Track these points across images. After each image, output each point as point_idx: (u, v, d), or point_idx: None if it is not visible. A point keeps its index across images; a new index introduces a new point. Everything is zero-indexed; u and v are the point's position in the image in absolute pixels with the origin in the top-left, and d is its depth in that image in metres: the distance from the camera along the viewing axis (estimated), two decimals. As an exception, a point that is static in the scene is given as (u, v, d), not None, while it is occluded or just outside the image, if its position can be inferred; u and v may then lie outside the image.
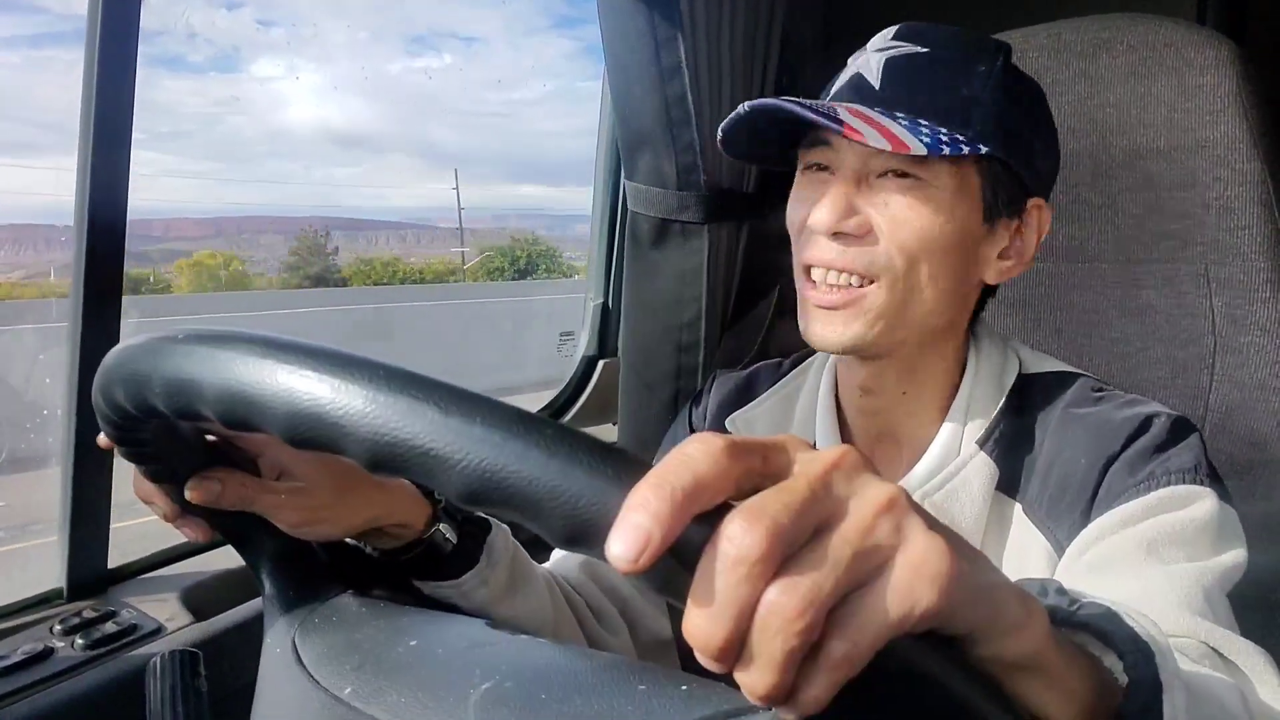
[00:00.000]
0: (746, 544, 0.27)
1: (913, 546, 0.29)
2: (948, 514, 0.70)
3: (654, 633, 0.83)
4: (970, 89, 0.68)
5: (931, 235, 0.66)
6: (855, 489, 0.29)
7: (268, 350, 0.36)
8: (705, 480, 0.28)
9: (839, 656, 0.28)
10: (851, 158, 0.68)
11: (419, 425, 0.32)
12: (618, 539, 0.27)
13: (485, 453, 0.31)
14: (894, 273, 0.67)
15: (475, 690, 0.39)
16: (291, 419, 0.35)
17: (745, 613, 0.27)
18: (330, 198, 71.33)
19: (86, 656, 0.79)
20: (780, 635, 0.27)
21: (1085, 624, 0.41)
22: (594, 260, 1.58)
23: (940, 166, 0.66)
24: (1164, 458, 0.65)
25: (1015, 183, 0.70)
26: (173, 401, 0.40)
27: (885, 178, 0.67)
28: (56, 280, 5.51)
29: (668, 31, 1.13)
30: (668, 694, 0.37)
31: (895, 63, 0.69)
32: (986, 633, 0.32)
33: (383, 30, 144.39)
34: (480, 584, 0.67)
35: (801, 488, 0.28)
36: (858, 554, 0.28)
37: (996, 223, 0.70)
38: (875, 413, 0.76)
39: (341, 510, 0.59)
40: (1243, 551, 0.63)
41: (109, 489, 0.90)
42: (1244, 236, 0.92)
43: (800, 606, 0.27)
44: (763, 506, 0.27)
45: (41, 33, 41.44)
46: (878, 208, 0.67)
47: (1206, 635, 0.55)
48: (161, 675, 0.56)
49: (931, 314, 0.69)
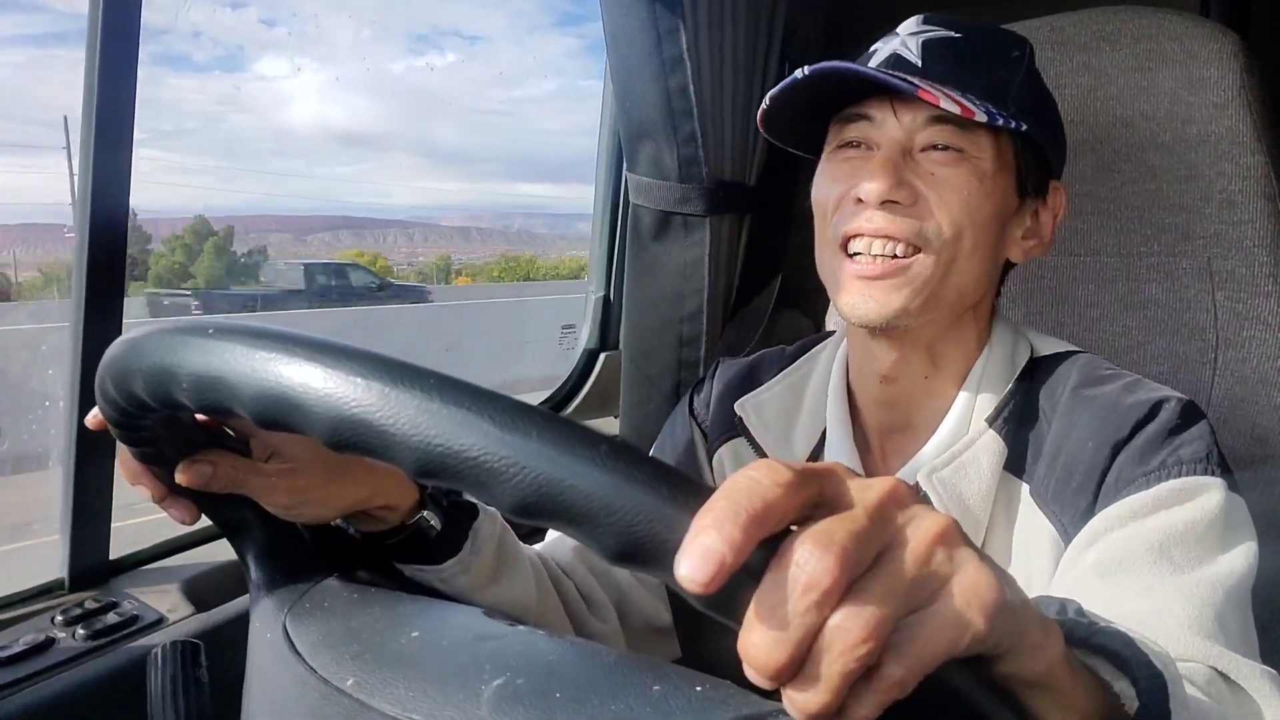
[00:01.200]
0: (817, 570, 0.28)
1: (965, 575, 0.30)
2: (956, 490, 0.70)
3: (647, 619, 0.83)
4: (1007, 71, 0.71)
5: (976, 206, 0.68)
6: (910, 518, 0.31)
7: (311, 352, 0.36)
8: (772, 506, 0.28)
9: (894, 680, 0.29)
10: (896, 130, 0.68)
11: (473, 437, 0.32)
12: (687, 560, 0.27)
13: (542, 467, 0.31)
14: (941, 241, 0.68)
15: (487, 686, 0.39)
16: (337, 424, 0.35)
17: (809, 637, 0.28)
18: (331, 195, 71.36)
19: (88, 647, 0.79)
20: (842, 659, 0.28)
21: (1102, 646, 0.42)
22: (595, 253, 1.58)
23: (983, 140, 0.68)
24: (1174, 445, 0.65)
25: (1042, 163, 0.72)
26: (202, 398, 0.39)
27: (928, 151, 0.68)
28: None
29: (670, 23, 1.13)
30: (683, 694, 0.37)
31: (934, 43, 0.70)
32: (1011, 652, 0.33)
33: (386, 29, 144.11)
34: (462, 571, 0.66)
35: (862, 516, 0.29)
36: (916, 581, 0.29)
37: (1025, 201, 0.72)
38: (894, 403, 0.76)
39: (331, 491, 0.58)
40: (1254, 545, 0.63)
41: (111, 481, 0.90)
42: (1247, 230, 0.91)
43: (865, 633, 0.28)
44: (830, 534, 0.28)
45: (52, 31, 41.39)
46: (924, 179, 0.68)
47: (1215, 660, 0.55)
48: (163, 666, 0.56)
49: (967, 288, 0.71)
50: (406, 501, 0.64)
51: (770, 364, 0.87)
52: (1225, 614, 0.58)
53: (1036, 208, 0.74)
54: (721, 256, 1.26)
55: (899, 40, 0.71)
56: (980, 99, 0.67)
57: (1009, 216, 0.72)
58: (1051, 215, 0.75)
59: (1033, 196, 0.73)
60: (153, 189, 27.83)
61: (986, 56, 0.71)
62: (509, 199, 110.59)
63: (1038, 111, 0.71)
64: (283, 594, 0.54)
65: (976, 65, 0.70)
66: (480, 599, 0.68)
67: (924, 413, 0.75)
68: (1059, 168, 0.76)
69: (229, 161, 70.67)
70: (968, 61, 0.70)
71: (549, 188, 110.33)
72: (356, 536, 0.65)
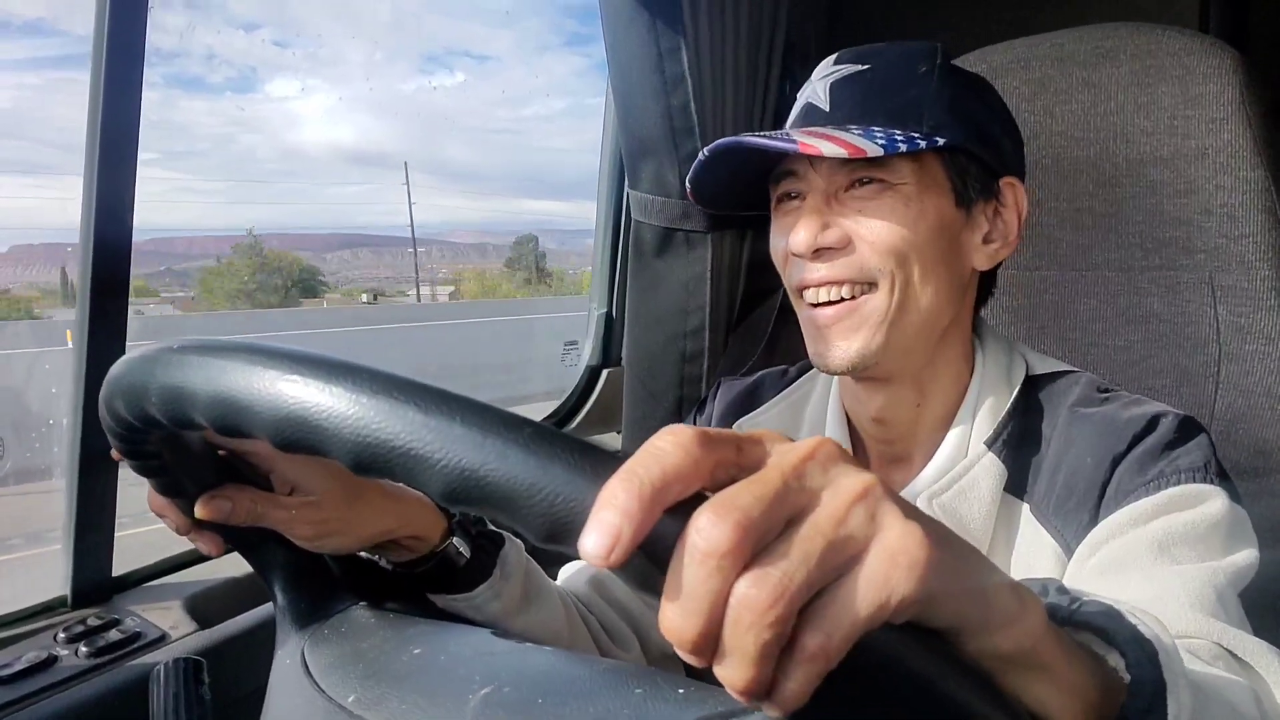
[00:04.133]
0: (715, 536, 0.26)
1: (888, 535, 0.28)
2: (956, 515, 0.70)
3: (661, 645, 0.83)
4: (917, 88, 0.70)
5: (910, 229, 0.68)
6: (829, 479, 0.29)
7: (255, 357, 0.37)
8: (676, 473, 0.28)
9: (814, 649, 0.27)
10: (818, 179, 0.70)
11: (399, 425, 0.32)
12: (589, 535, 0.27)
13: (464, 452, 0.31)
14: (886, 273, 0.68)
15: (474, 696, 0.39)
16: (278, 423, 0.35)
17: (717, 606, 0.27)
18: (343, 214, 71.89)
19: (90, 664, 0.79)
20: (753, 628, 0.26)
21: (1086, 622, 0.41)
22: (598, 269, 1.59)
23: (902, 165, 0.68)
24: (1173, 456, 0.65)
25: (981, 167, 0.72)
26: (168, 410, 0.40)
27: (852, 190, 0.69)
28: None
29: (671, 41, 1.14)
30: (664, 697, 0.37)
31: (840, 83, 0.72)
32: (977, 626, 0.32)
33: (398, 50, 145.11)
34: (494, 597, 0.67)
35: (774, 479, 0.28)
36: (831, 544, 0.28)
37: (972, 207, 0.72)
38: (890, 439, 0.76)
39: (354, 523, 0.59)
40: (1254, 551, 0.63)
41: (114, 497, 0.90)
42: (1247, 244, 0.92)
43: (771, 598, 0.26)
44: (733, 498, 0.27)
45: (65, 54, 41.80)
46: (851, 218, 0.69)
47: (1219, 636, 0.54)
48: (165, 683, 0.56)
49: (931, 311, 0.70)
50: (434, 532, 0.64)
51: (770, 385, 0.88)
52: (1226, 597, 0.58)
53: (992, 209, 0.73)
54: (724, 272, 1.26)
55: (813, 87, 0.73)
56: (887, 126, 0.67)
57: (957, 228, 0.71)
58: (1015, 213, 0.74)
59: (981, 200, 0.72)
60: (177, 208, 28.13)
61: (894, 81, 0.71)
62: (517, 216, 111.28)
63: (964, 118, 0.70)
64: (307, 622, 0.55)
65: (884, 93, 0.70)
66: (514, 625, 0.69)
67: (921, 439, 0.75)
68: (1010, 163, 0.74)
69: (240, 179, 71.22)
70: (874, 92, 0.70)
71: (557, 204, 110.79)
72: (387, 568, 0.65)
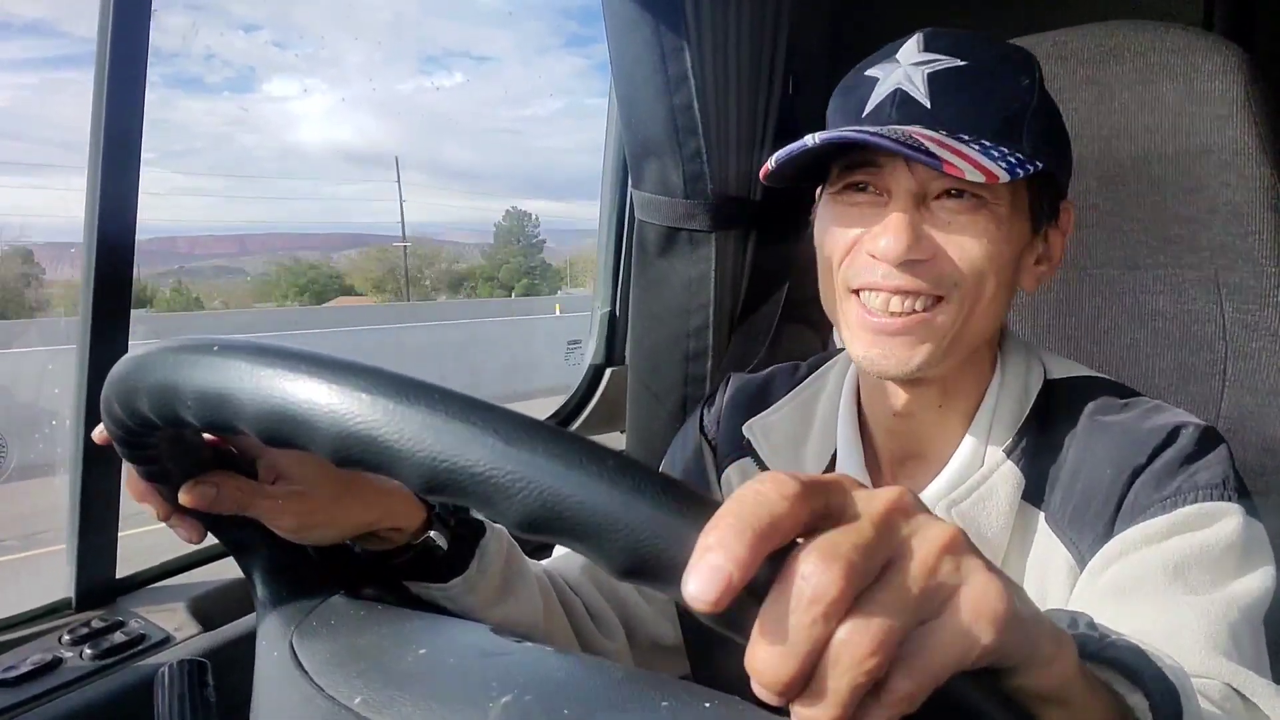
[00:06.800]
0: (823, 583, 0.27)
1: (974, 586, 0.30)
2: (974, 523, 0.69)
3: (654, 638, 0.83)
4: (1020, 102, 0.66)
5: (997, 251, 0.65)
6: (915, 528, 0.30)
7: (315, 368, 0.36)
8: (779, 521, 0.28)
9: (903, 694, 0.28)
10: (908, 180, 0.65)
11: (479, 453, 0.32)
12: (695, 579, 0.27)
13: (548, 482, 0.30)
14: (964, 290, 0.65)
15: (495, 704, 0.39)
16: (341, 441, 0.34)
17: (817, 650, 0.28)
18: (344, 213, 71.83)
19: (95, 666, 0.79)
20: (850, 673, 0.27)
21: (1114, 661, 0.42)
22: (601, 268, 1.58)
23: (1000, 186, 0.63)
24: (1191, 471, 0.64)
25: (1055, 190, 0.71)
26: (206, 414, 0.39)
27: (943, 199, 0.65)
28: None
29: (674, 41, 1.14)
30: (692, 711, 0.36)
31: (940, 77, 0.65)
32: (1023, 665, 0.33)
33: (398, 51, 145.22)
34: (468, 590, 0.66)
35: (868, 527, 0.29)
36: (924, 592, 0.29)
37: (1040, 230, 0.71)
38: (907, 434, 0.75)
39: (338, 514, 0.58)
40: (1272, 570, 0.62)
41: (118, 499, 0.90)
42: (1253, 241, 0.91)
43: (872, 646, 0.27)
44: (835, 546, 0.28)
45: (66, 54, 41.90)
46: (941, 228, 0.65)
47: (1230, 676, 0.54)
48: (170, 685, 0.56)
49: (988, 329, 0.70)
50: (414, 522, 0.64)
51: (781, 382, 0.86)
52: (1240, 633, 0.58)
53: (1048, 231, 0.72)
54: (727, 271, 1.26)
55: (901, 71, 0.66)
56: (995, 141, 0.64)
57: (1026, 250, 0.70)
58: (1061, 235, 0.73)
59: (1048, 224, 0.71)
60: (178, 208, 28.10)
61: (997, 88, 0.66)
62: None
63: (1051, 140, 0.68)
64: (289, 612, 0.54)
65: (989, 100, 0.65)
66: (486, 616, 0.68)
67: (936, 440, 0.74)
68: (1066, 185, 0.73)
69: (240, 177, 71.29)
70: (979, 97, 0.65)
71: (554, 204, 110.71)
72: (361, 555, 0.64)
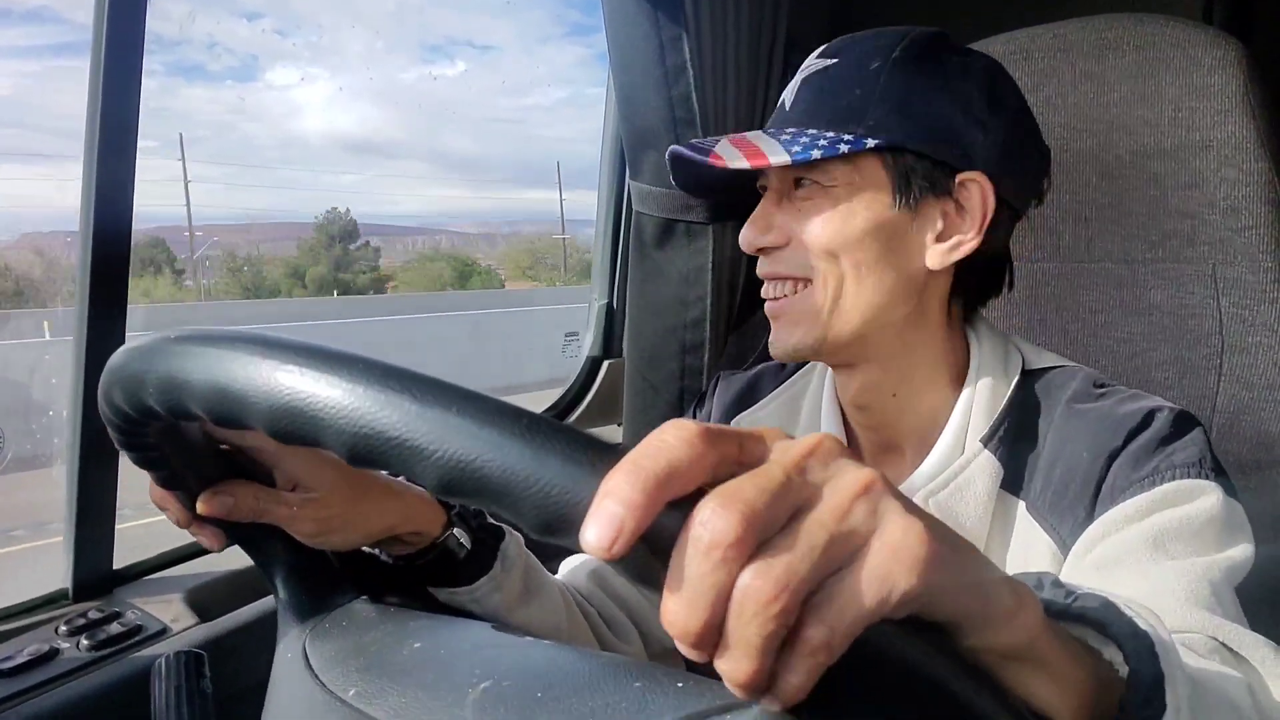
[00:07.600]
0: (720, 528, 0.26)
1: (889, 530, 0.28)
2: (952, 513, 0.69)
3: (663, 640, 0.83)
4: (863, 87, 0.70)
5: (839, 229, 0.69)
6: (831, 474, 0.29)
7: (253, 347, 0.37)
8: (680, 466, 0.28)
9: (816, 642, 0.27)
10: (774, 178, 0.74)
11: (395, 416, 0.32)
12: (591, 526, 0.27)
13: (460, 442, 0.31)
14: (820, 270, 0.70)
15: (474, 690, 0.39)
16: (273, 413, 0.35)
17: (720, 598, 0.27)
18: (343, 203, 71.59)
19: (92, 657, 0.79)
20: (755, 620, 0.27)
21: (1082, 616, 0.41)
22: (598, 260, 1.58)
23: (834, 168, 0.69)
24: (1168, 452, 0.65)
25: (932, 164, 0.69)
26: (165, 400, 0.40)
27: (799, 189, 0.72)
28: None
29: (672, 31, 1.13)
30: (663, 689, 0.37)
31: (808, 82, 0.73)
32: (976, 622, 0.32)
33: (400, 40, 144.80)
34: (495, 589, 0.67)
35: (776, 473, 0.28)
36: (833, 538, 0.28)
37: (919, 207, 0.69)
38: (875, 427, 0.77)
39: (356, 520, 0.59)
40: (1250, 546, 0.63)
41: (114, 490, 0.90)
42: (1251, 236, 0.91)
43: (775, 590, 0.26)
44: (736, 491, 0.27)
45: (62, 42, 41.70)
46: (794, 216, 0.72)
47: (1215, 630, 0.54)
48: (167, 676, 0.56)
49: (873, 306, 0.70)
50: (434, 526, 0.64)
51: (769, 379, 0.88)
52: (1221, 591, 0.58)
53: (952, 207, 0.70)
54: (725, 263, 1.26)
55: (795, 79, 0.75)
56: (829, 128, 0.69)
57: (898, 226, 0.69)
58: (979, 209, 0.69)
59: (933, 198, 0.69)
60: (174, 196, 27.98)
61: (846, 79, 0.71)
62: (516, 204, 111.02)
63: (915, 115, 0.68)
64: (309, 617, 0.55)
65: (835, 93, 0.71)
66: (515, 618, 0.69)
67: (908, 430, 0.75)
68: (983, 157, 0.69)
69: (241, 166, 71.03)
70: (827, 91, 0.71)
71: (554, 193, 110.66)
72: (388, 561, 0.65)
